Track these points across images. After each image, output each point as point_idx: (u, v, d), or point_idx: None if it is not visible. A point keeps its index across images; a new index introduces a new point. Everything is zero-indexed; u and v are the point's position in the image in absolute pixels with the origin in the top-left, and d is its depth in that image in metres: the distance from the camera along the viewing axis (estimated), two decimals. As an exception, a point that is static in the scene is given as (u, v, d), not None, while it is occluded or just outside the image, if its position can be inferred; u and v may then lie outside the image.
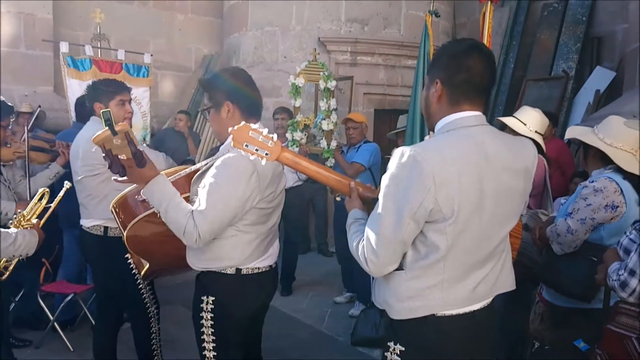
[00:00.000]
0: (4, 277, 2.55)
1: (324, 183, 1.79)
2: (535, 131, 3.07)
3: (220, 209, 1.90)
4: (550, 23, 6.55)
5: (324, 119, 5.17)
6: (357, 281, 4.64)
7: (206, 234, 1.90)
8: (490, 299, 1.65)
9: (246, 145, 1.62)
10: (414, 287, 1.55)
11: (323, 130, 5.17)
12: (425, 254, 1.53)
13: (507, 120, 3.12)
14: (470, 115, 1.58)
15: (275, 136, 1.65)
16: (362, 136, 4.74)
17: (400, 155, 1.50)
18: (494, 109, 6.48)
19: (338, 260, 5.01)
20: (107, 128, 1.81)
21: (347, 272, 4.79)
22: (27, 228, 2.39)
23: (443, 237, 1.50)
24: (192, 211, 1.91)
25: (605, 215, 2.26)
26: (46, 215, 2.61)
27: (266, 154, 1.63)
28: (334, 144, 5.03)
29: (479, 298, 1.60)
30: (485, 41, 3.04)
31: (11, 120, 3.17)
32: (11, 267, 2.55)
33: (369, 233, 1.55)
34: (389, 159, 4.59)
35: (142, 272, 2.33)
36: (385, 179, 1.53)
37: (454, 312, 1.56)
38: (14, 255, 2.25)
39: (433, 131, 1.68)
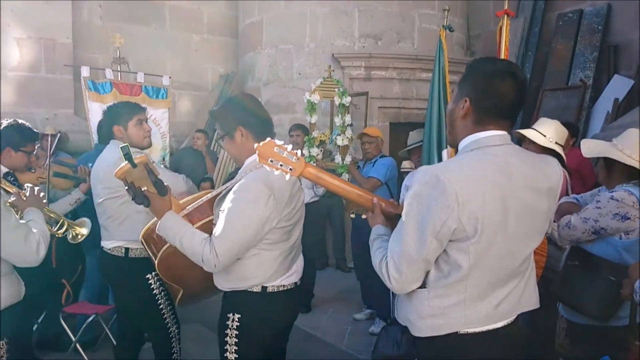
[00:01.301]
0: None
1: (346, 198, 1.81)
2: (556, 142, 3.04)
3: (239, 233, 1.93)
4: (565, 33, 6.51)
5: (339, 135, 5.18)
6: (377, 298, 4.60)
7: (225, 259, 1.93)
8: (514, 317, 1.63)
9: (271, 161, 1.66)
10: (436, 305, 1.55)
11: (339, 146, 5.18)
12: (448, 272, 1.53)
13: (527, 133, 3.09)
14: (495, 135, 1.58)
15: (299, 152, 1.69)
16: (378, 151, 4.74)
17: (422, 174, 1.51)
18: (511, 120, 6.42)
19: (357, 277, 4.97)
20: (127, 162, 1.87)
21: (366, 288, 4.75)
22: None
23: (465, 255, 1.50)
24: (210, 237, 1.96)
25: (610, 222, 2.23)
26: None
27: (290, 169, 1.67)
28: (348, 158, 5.03)
29: (501, 316, 1.58)
30: (502, 54, 3.04)
31: (36, 146, 3.23)
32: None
33: (393, 251, 1.55)
34: (404, 172, 4.54)
35: (177, 299, 2.35)
36: (407, 198, 1.54)
37: (477, 329, 1.55)
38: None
39: (451, 146, 1.68)
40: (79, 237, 3.09)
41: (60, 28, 6.42)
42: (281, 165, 1.66)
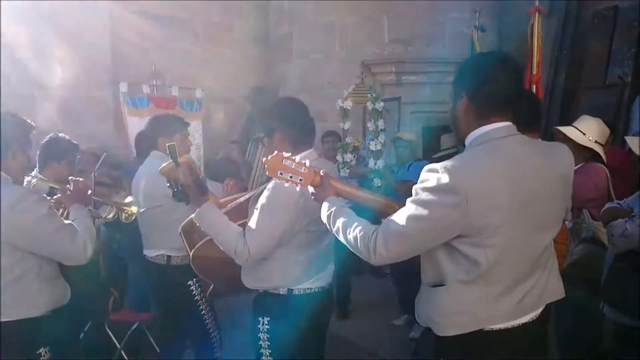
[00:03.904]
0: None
1: (360, 203, 1.83)
2: (595, 141, 2.98)
3: (270, 229, 1.99)
4: (601, 30, 6.35)
5: (373, 140, 5.19)
6: (414, 302, 4.55)
7: (256, 253, 1.99)
8: (539, 310, 1.61)
9: (280, 174, 1.67)
10: (458, 301, 1.54)
11: (372, 151, 5.19)
12: (466, 268, 1.52)
13: (566, 130, 3.03)
14: (502, 126, 1.57)
15: (307, 162, 1.69)
16: (413, 154, 4.72)
17: (428, 171, 1.51)
18: (548, 119, 6.30)
19: (393, 282, 4.94)
20: (171, 160, 1.96)
21: (404, 293, 4.71)
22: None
23: (481, 250, 1.48)
24: (244, 231, 2.02)
25: None
26: None
27: (300, 179, 1.68)
28: (380, 163, 5.03)
29: (525, 310, 1.56)
30: (535, 52, 3.00)
31: (77, 157, 3.34)
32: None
33: (391, 228, 1.52)
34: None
35: (208, 292, 2.42)
36: (415, 190, 1.53)
37: (502, 326, 1.53)
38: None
39: (463, 145, 1.67)
40: (132, 217, 3.04)
41: (100, 47, 6.65)
42: (291, 176, 1.67)
